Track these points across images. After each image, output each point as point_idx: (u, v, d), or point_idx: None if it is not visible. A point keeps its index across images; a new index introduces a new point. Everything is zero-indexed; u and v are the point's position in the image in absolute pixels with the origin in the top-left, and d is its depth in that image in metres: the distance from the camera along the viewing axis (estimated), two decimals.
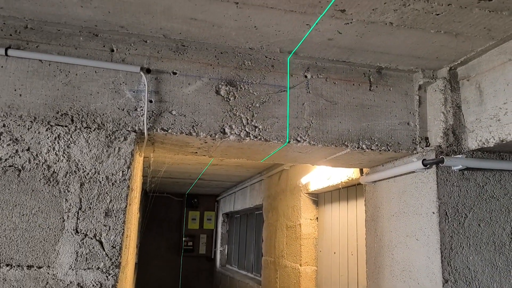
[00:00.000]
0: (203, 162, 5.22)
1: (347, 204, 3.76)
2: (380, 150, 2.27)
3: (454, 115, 2.23)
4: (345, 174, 3.39)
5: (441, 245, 2.08)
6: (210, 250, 9.11)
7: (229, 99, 2.13)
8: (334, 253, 3.90)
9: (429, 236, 2.15)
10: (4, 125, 1.85)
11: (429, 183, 2.19)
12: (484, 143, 2.07)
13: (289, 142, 2.15)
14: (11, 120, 1.86)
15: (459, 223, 2.13)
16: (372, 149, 2.25)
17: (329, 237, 4.05)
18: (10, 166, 1.83)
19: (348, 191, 3.73)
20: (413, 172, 2.29)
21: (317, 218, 4.32)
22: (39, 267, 1.78)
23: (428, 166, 2.16)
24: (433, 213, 2.14)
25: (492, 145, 2.04)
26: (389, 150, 2.27)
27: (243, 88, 2.15)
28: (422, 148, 2.30)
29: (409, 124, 2.33)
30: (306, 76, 2.25)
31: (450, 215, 2.12)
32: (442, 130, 2.23)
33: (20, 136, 1.86)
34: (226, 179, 6.75)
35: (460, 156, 2.16)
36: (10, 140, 1.85)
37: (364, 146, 2.25)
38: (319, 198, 4.35)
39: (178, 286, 8.88)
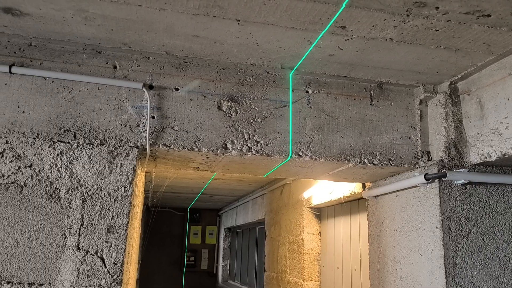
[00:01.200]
0: (205, 177, 5.22)
1: (349, 219, 3.74)
2: (382, 165, 2.27)
3: (456, 129, 2.23)
4: (348, 189, 3.38)
5: (445, 260, 2.07)
6: (212, 265, 9.04)
7: (231, 115, 2.14)
8: (337, 268, 3.86)
9: (433, 251, 2.14)
10: (7, 142, 1.86)
11: (431, 197, 2.18)
12: (486, 157, 2.07)
13: (291, 157, 2.15)
14: (14, 136, 1.87)
15: (463, 238, 2.11)
16: (374, 164, 2.25)
17: (332, 252, 4.02)
18: (12, 182, 1.83)
19: (350, 206, 3.71)
20: (416, 186, 2.29)
21: (319, 232, 4.30)
22: (40, 285, 1.77)
23: (430, 180, 2.16)
24: (436, 227, 2.12)
25: (494, 159, 2.04)
26: (391, 164, 2.27)
27: (244, 104, 2.16)
28: (424, 162, 2.30)
29: (411, 138, 2.34)
30: (307, 91, 2.26)
31: (454, 230, 2.11)
32: (444, 144, 2.23)
33: (23, 152, 1.87)
34: (228, 194, 6.73)
35: (462, 170, 2.16)
36: (13, 156, 1.85)
37: (366, 160, 2.24)
38: (321, 213, 4.33)
39: None
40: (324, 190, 3.85)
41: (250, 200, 6.57)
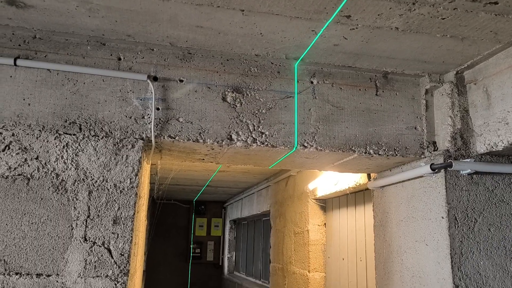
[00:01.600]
0: (210, 169, 5.23)
1: (355, 210, 3.74)
2: (387, 155, 2.26)
3: (462, 119, 2.22)
4: (353, 180, 3.37)
5: (451, 250, 2.06)
6: (218, 257, 9.09)
7: (236, 106, 2.13)
8: (343, 259, 3.87)
9: (439, 241, 2.13)
10: (13, 134, 1.87)
11: (437, 187, 2.18)
12: (492, 147, 2.06)
13: (296, 148, 2.15)
14: (20, 129, 1.88)
15: (469, 228, 2.11)
16: (379, 154, 2.24)
17: (337, 243, 4.03)
18: (19, 175, 1.85)
19: (356, 197, 3.71)
20: (421, 176, 2.28)
21: (325, 224, 4.30)
22: (48, 276, 1.79)
23: (436, 170, 2.15)
24: (442, 218, 2.12)
25: (501, 149, 2.03)
26: (396, 155, 2.26)
27: (249, 95, 2.16)
28: (430, 152, 2.28)
29: (416, 128, 2.32)
30: (312, 82, 2.25)
31: (460, 220, 2.11)
32: (450, 134, 2.21)
33: (29, 145, 1.88)
34: (233, 186, 6.75)
35: (468, 160, 2.15)
36: (19, 149, 1.86)
37: (371, 151, 2.24)
38: (326, 204, 4.33)
39: None
40: (329, 181, 3.85)
41: (255, 192, 6.59)
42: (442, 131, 2.27)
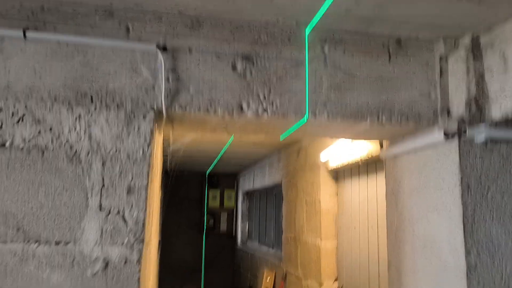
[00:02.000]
0: (222, 141, 5.25)
1: (367, 179, 3.74)
2: (400, 123, 2.23)
3: (477, 85, 2.17)
4: (365, 149, 3.36)
5: (463, 218, 2.06)
6: (231, 227, 9.25)
7: (246, 75, 2.11)
8: (355, 228, 3.90)
9: (451, 209, 2.13)
10: (26, 107, 1.89)
11: (451, 155, 2.16)
12: (508, 113, 2.02)
13: (307, 117, 2.13)
14: (32, 101, 1.90)
15: (482, 196, 2.10)
16: (392, 122, 2.22)
17: (349, 213, 4.05)
18: (34, 146, 1.87)
19: (368, 166, 3.71)
20: (435, 144, 2.25)
21: (336, 193, 4.32)
22: (66, 243, 1.84)
23: (450, 138, 2.12)
24: (455, 186, 2.11)
25: None
26: (409, 122, 2.24)
27: (259, 64, 2.13)
28: (444, 119, 2.25)
29: (430, 95, 2.28)
30: (323, 49, 2.21)
31: (473, 188, 2.09)
32: (465, 100, 2.17)
33: (42, 117, 1.89)
34: (245, 158, 6.78)
35: (483, 126, 2.11)
36: (32, 121, 1.89)
37: (383, 119, 2.21)
38: (338, 174, 4.33)
39: (201, 263, 9.08)
40: (341, 151, 3.84)
41: (266, 164, 6.62)
42: (457, 98, 2.23)
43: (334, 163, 4.05)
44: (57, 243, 1.83)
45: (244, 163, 7.54)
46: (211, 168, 8.13)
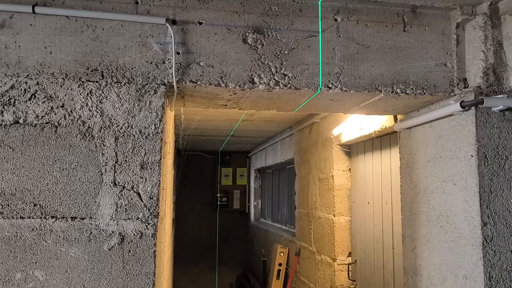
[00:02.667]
0: (234, 118, 5.23)
1: (380, 154, 3.70)
2: (415, 94, 2.19)
3: (495, 53, 2.11)
4: (378, 123, 3.32)
5: (480, 188, 2.03)
6: (244, 205, 9.33)
7: (257, 47, 2.08)
8: (368, 203, 3.89)
9: (467, 180, 2.10)
10: (38, 83, 1.89)
11: (467, 125, 2.11)
12: None
13: (320, 89, 2.10)
14: (44, 78, 1.90)
15: (499, 166, 2.06)
16: (407, 93, 2.17)
17: (362, 188, 4.04)
18: (47, 123, 1.88)
19: (381, 140, 3.67)
20: (451, 115, 2.21)
21: (349, 169, 4.30)
22: (82, 218, 1.86)
23: (466, 108, 2.07)
24: (472, 156, 2.07)
25: None
26: (425, 93, 2.19)
27: (270, 35, 2.09)
28: (460, 89, 2.20)
29: (446, 65, 2.22)
30: (336, 20, 2.15)
31: (490, 158, 2.05)
32: (482, 69, 2.11)
33: (54, 93, 1.89)
34: (257, 135, 6.77)
35: (501, 96, 2.06)
36: (44, 97, 1.89)
37: (398, 90, 2.17)
38: (351, 149, 4.30)
39: (215, 240, 9.21)
40: (354, 126, 3.80)
41: (278, 141, 6.60)
42: (474, 67, 2.17)
43: (346, 138, 4.01)
44: (73, 218, 1.86)
45: (256, 141, 7.53)
46: (223, 146, 8.15)
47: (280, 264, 5.93)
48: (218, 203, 9.22)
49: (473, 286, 2.04)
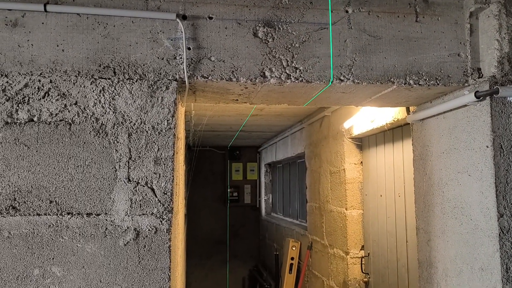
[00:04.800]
0: (243, 113, 5.23)
1: (392, 146, 3.68)
2: (428, 85, 2.16)
3: (510, 42, 2.07)
4: (390, 115, 3.29)
5: (495, 179, 2.01)
6: (255, 199, 9.35)
7: (268, 41, 2.07)
8: (381, 196, 3.87)
9: (483, 171, 2.07)
10: (51, 81, 1.90)
11: (482, 116, 2.08)
12: None
13: (332, 82, 2.09)
14: (57, 75, 1.91)
15: None
16: (420, 84, 2.15)
17: (374, 181, 4.02)
18: (60, 120, 1.89)
19: (393, 133, 3.64)
20: (465, 106, 2.18)
21: (361, 162, 4.28)
22: (98, 215, 1.88)
23: (481, 98, 2.05)
24: (487, 147, 2.04)
25: None
26: (438, 84, 2.16)
27: (281, 29, 2.08)
28: (474, 80, 2.17)
29: (460, 55, 2.19)
30: (347, 11, 2.13)
31: (506, 148, 2.03)
32: (497, 59, 2.08)
33: (67, 90, 1.91)
34: (267, 130, 6.76)
35: None
36: (58, 95, 1.90)
37: (411, 81, 2.14)
38: (363, 142, 4.28)
39: (226, 234, 9.25)
40: (365, 119, 3.78)
41: (289, 135, 6.59)
42: (488, 56, 2.13)
43: (358, 131, 3.99)
44: (88, 215, 1.87)
45: (266, 136, 7.52)
46: (233, 140, 8.16)
47: (292, 258, 5.94)
48: (229, 198, 9.25)
49: (490, 278, 2.02)
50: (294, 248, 5.96)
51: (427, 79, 2.16)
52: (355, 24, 2.13)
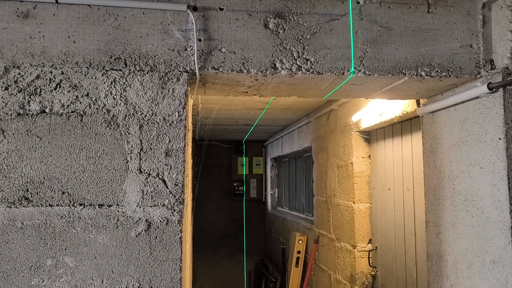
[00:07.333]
0: (250, 106, 5.22)
1: (401, 139, 3.66)
2: (440, 77, 2.14)
3: None
4: (399, 108, 3.27)
5: (508, 171, 1.99)
6: (261, 193, 9.36)
7: (278, 32, 2.06)
8: (389, 189, 3.86)
9: (495, 163, 2.06)
10: (62, 73, 1.90)
11: (494, 108, 2.07)
12: None
13: (342, 73, 2.08)
14: (68, 67, 1.91)
15: None
16: (431, 76, 2.13)
17: (382, 174, 4.00)
18: (72, 112, 1.90)
19: (402, 126, 3.62)
20: (477, 98, 2.16)
21: (369, 155, 4.26)
22: (109, 206, 1.88)
23: (494, 90, 2.03)
24: (500, 139, 2.03)
25: None
26: (450, 76, 2.15)
27: (292, 20, 2.07)
28: (487, 71, 2.15)
29: (472, 46, 2.17)
30: (358, 2, 2.12)
31: None
32: (510, 50, 2.06)
33: (79, 82, 1.91)
34: (273, 124, 6.75)
35: None
36: (69, 86, 1.90)
37: (423, 73, 2.13)
38: (371, 136, 4.26)
39: (233, 228, 9.28)
40: (373, 112, 3.76)
41: (295, 129, 6.58)
42: (501, 48, 2.11)
43: (366, 124, 3.97)
44: (100, 206, 1.88)
45: (272, 130, 7.51)
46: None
47: (299, 252, 5.95)
48: (235, 192, 9.27)
49: (502, 270, 2.01)
50: (300, 242, 5.96)
51: (439, 71, 2.14)
52: (366, 15, 2.12)
